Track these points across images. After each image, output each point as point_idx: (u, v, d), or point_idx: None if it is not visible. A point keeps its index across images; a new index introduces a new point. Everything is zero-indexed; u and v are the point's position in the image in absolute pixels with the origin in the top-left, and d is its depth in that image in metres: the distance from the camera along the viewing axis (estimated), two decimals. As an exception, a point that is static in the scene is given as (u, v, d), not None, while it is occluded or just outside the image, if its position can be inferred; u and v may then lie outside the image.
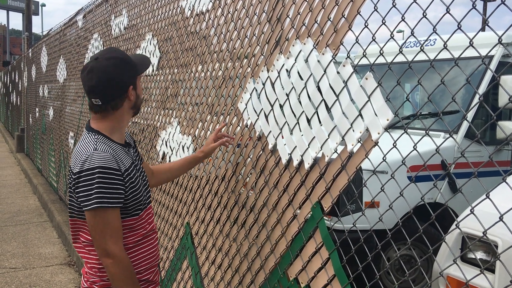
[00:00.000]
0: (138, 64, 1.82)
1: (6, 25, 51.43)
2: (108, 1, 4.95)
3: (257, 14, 2.27)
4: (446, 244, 1.37)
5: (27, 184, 9.47)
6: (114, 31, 4.73)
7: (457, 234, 2.55)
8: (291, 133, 1.96)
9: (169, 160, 3.26)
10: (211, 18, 2.75)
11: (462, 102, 4.32)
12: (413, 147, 1.37)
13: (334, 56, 1.72)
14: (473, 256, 2.53)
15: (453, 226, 1.31)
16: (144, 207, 1.88)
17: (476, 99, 4.18)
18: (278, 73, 2.05)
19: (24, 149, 13.13)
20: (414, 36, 1.39)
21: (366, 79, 1.54)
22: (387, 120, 1.47)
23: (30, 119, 11.84)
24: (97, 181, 1.65)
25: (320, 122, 1.79)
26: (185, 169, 2.35)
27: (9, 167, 11.52)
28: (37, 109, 10.57)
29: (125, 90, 1.77)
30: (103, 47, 5.18)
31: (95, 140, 1.75)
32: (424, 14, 1.32)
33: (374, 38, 1.51)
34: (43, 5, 45.10)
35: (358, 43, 1.61)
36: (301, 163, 1.89)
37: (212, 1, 2.74)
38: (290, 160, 1.96)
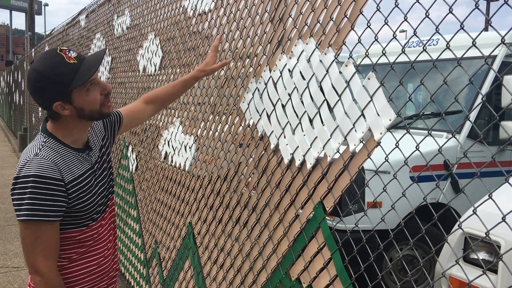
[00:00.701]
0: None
1: (9, 25, 51.55)
2: (111, 1, 4.96)
3: (259, 14, 2.27)
4: (449, 244, 1.37)
5: (30, 183, 9.47)
6: (117, 30, 4.73)
7: (460, 235, 2.54)
8: (293, 133, 1.96)
9: (171, 160, 3.26)
10: (214, 18, 2.75)
11: (464, 102, 4.31)
12: (416, 147, 1.37)
13: (336, 56, 1.72)
14: (476, 257, 2.52)
15: (456, 227, 1.31)
16: (98, 217, 1.73)
17: (479, 99, 4.17)
18: (280, 73, 2.05)
19: (27, 148, 13.15)
20: (417, 36, 1.39)
21: (369, 79, 1.53)
22: (390, 120, 1.47)
23: (33, 119, 11.87)
24: (30, 190, 1.49)
25: (322, 122, 1.79)
26: (184, 89, 2.25)
27: (11, 167, 11.55)
28: (40, 109, 10.59)
29: (49, 106, 1.56)
30: (105, 47, 5.19)
31: (42, 144, 1.60)
32: (427, 14, 1.32)
33: (376, 38, 1.51)
34: (46, 4, 45.22)
35: (361, 43, 1.61)
36: (303, 163, 1.89)
37: (215, 1, 2.74)
38: (292, 160, 1.96)
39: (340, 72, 1.69)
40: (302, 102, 1.91)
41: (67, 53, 1.53)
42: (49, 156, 1.56)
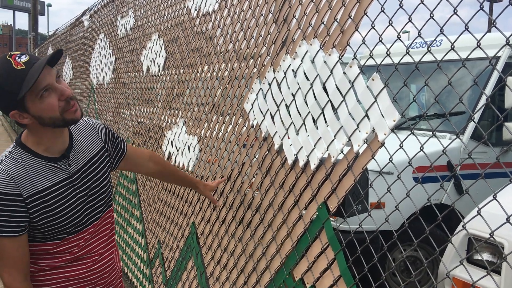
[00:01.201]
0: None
1: (12, 25, 51.68)
2: (115, 2, 4.97)
3: (263, 14, 2.28)
4: (453, 245, 1.37)
5: (33, 183, 9.49)
6: (120, 31, 4.75)
7: (463, 236, 2.54)
8: (297, 134, 1.96)
9: (175, 160, 3.27)
10: (218, 19, 2.76)
11: (468, 103, 4.31)
12: (420, 148, 1.37)
13: (340, 57, 1.72)
14: (479, 258, 2.52)
15: (460, 227, 1.31)
16: (76, 231, 1.62)
17: (482, 100, 4.16)
18: (284, 73, 2.05)
19: (30, 148, 13.18)
20: (421, 37, 1.39)
21: (373, 80, 1.54)
22: (394, 121, 1.47)
23: (36, 119, 11.90)
24: None
25: (326, 122, 1.80)
26: (179, 182, 2.32)
27: (15, 167, 11.56)
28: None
29: (7, 114, 1.48)
30: (109, 47, 5.21)
31: (6, 155, 1.53)
32: (431, 15, 1.32)
33: (381, 39, 1.51)
34: (49, 5, 45.33)
35: (365, 44, 1.62)
36: (307, 163, 1.90)
37: (219, 2, 2.75)
38: (296, 161, 1.97)
39: (344, 73, 1.69)
40: (306, 103, 1.91)
41: (16, 58, 1.42)
42: (6, 170, 1.48)
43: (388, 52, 1.50)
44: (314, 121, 1.87)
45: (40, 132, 1.53)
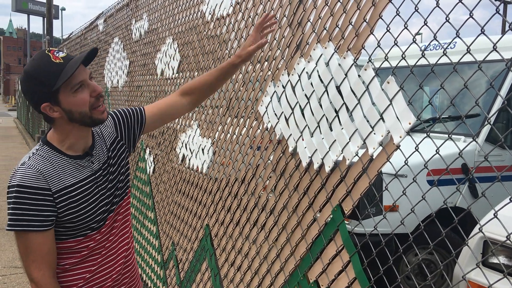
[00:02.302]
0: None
1: (26, 29, 52.32)
2: (129, 6, 5.03)
3: (277, 18, 2.29)
4: (469, 248, 1.37)
5: (48, 185, 9.61)
6: (135, 35, 4.80)
7: (478, 239, 2.53)
8: (312, 136, 1.97)
9: (189, 163, 3.29)
10: (232, 22, 2.78)
11: (482, 106, 4.28)
12: (436, 150, 1.38)
13: (355, 60, 1.73)
14: (495, 261, 2.51)
15: (476, 230, 1.31)
16: (99, 226, 1.64)
17: (497, 103, 4.13)
18: (299, 76, 2.07)
19: (45, 151, 13.32)
20: (437, 40, 1.40)
21: (388, 82, 1.54)
22: (409, 123, 1.48)
23: (51, 122, 12.02)
24: (13, 201, 1.48)
25: (341, 125, 1.80)
26: (222, 77, 1.96)
27: (30, 169, 11.71)
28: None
29: (39, 107, 1.53)
30: (123, 51, 5.26)
31: (34, 152, 1.58)
32: (447, 18, 1.33)
33: (396, 42, 1.52)
34: (63, 9, 45.81)
35: (380, 47, 1.62)
36: (321, 166, 1.91)
37: (233, 6, 2.77)
38: (310, 163, 1.98)
39: (359, 76, 1.70)
40: (321, 106, 1.92)
41: (54, 53, 1.50)
42: (35, 165, 1.52)
43: (403, 55, 1.51)
44: (329, 123, 1.87)
45: (67, 130, 1.58)
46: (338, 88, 1.83)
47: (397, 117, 1.52)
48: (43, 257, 1.52)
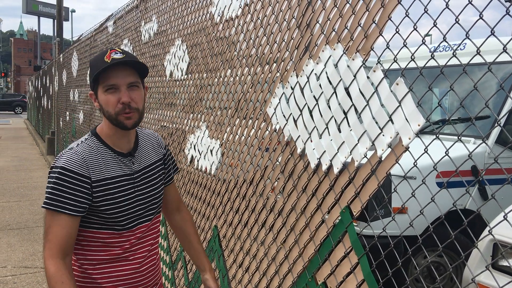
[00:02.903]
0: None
1: (37, 31, 52.76)
2: (138, 8, 5.05)
3: (286, 19, 2.30)
4: (479, 250, 1.36)
5: (57, 186, 9.68)
6: (144, 36, 4.82)
7: (488, 241, 2.51)
8: (320, 138, 1.97)
9: (197, 163, 3.30)
10: (240, 24, 2.79)
11: (492, 107, 4.25)
12: (445, 152, 1.37)
13: (364, 62, 1.73)
14: (505, 264, 2.49)
15: (486, 233, 1.30)
16: (129, 227, 1.70)
17: (508, 104, 4.10)
18: (307, 78, 2.07)
19: (55, 151, 13.44)
20: (446, 42, 1.39)
21: (397, 84, 1.54)
22: (418, 125, 1.47)
23: (61, 123, 12.12)
24: (54, 181, 1.56)
25: (349, 126, 1.80)
26: (188, 252, 2.08)
27: (40, 169, 11.81)
28: (67, 113, 10.82)
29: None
30: (132, 52, 5.29)
31: (82, 141, 1.68)
32: (457, 19, 1.32)
33: (405, 43, 1.52)
34: (73, 11, 46.16)
35: (389, 49, 1.62)
36: (330, 167, 1.90)
37: (242, 8, 2.78)
38: (319, 165, 1.97)
39: (368, 77, 1.70)
40: (329, 107, 1.92)
41: (112, 53, 1.61)
42: (82, 152, 1.62)
43: (412, 57, 1.50)
44: (338, 125, 1.87)
45: (111, 129, 1.69)
46: (346, 89, 1.83)
47: (406, 119, 1.51)
48: (59, 240, 1.56)
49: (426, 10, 1.43)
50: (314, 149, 2.01)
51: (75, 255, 1.70)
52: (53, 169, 1.59)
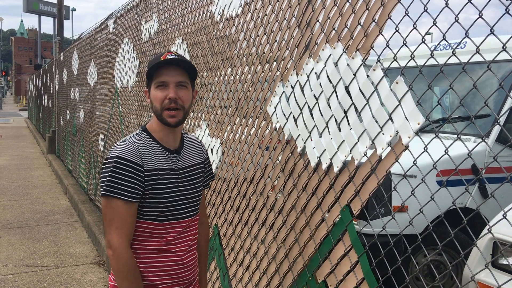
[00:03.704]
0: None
1: (38, 30, 52.77)
2: (139, 6, 5.05)
3: (286, 18, 2.30)
4: (478, 249, 1.36)
5: (58, 184, 9.70)
6: (144, 35, 4.82)
7: (488, 240, 2.51)
8: (320, 137, 1.97)
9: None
10: (241, 23, 2.79)
11: (493, 106, 4.25)
12: (445, 151, 1.37)
13: (364, 60, 1.73)
14: (505, 262, 2.49)
15: (485, 231, 1.30)
16: (173, 218, 1.78)
17: (508, 103, 4.10)
18: (308, 76, 2.07)
19: (55, 150, 13.45)
20: (446, 40, 1.39)
21: (397, 83, 1.54)
22: (418, 124, 1.48)
23: (61, 121, 12.13)
24: (111, 169, 1.66)
25: (349, 125, 1.80)
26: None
27: (40, 168, 11.82)
28: (68, 112, 10.83)
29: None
30: (133, 51, 5.29)
31: (134, 134, 1.79)
32: (456, 18, 1.32)
33: (405, 42, 1.52)
34: (74, 9, 46.12)
35: (389, 47, 1.62)
36: (330, 166, 1.91)
37: (242, 6, 2.78)
38: (319, 163, 1.98)
39: (368, 76, 1.70)
40: (329, 106, 1.92)
41: (168, 55, 1.73)
42: (135, 143, 1.73)
43: (412, 55, 1.51)
44: (338, 124, 1.87)
45: (159, 126, 1.79)
46: (346, 88, 1.83)
47: (406, 118, 1.52)
48: (125, 226, 1.67)
49: (425, 9, 1.43)
50: (314, 147, 2.01)
51: None
52: (109, 159, 1.69)
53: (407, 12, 1.51)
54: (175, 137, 1.84)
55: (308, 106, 2.06)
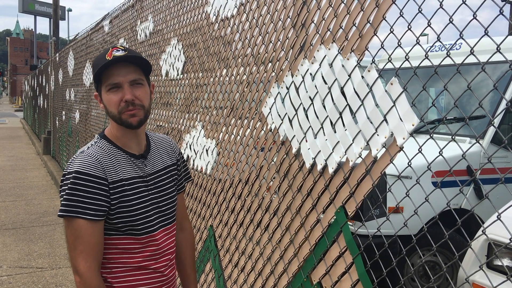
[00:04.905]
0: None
1: (33, 30, 52.62)
2: (134, 7, 5.04)
3: (281, 19, 2.30)
4: (472, 250, 1.36)
5: (53, 185, 9.66)
6: (140, 36, 4.81)
7: (483, 241, 2.52)
8: (315, 138, 1.97)
9: (193, 163, 3.30)
10: (236, 24, 2.78)
11: (488, 107, 4.26)
12: (439, 152, 1.37)
13: (359, 61, 1.73)
14: (499, 263, 2.49)
15: (480, 232, 1.30)
16: (148, 231, 1.61)
17: (503, 104, 4.11)
18: (303, 77, 2.07)
19: (51, 151, 13.41)
20: (440, 42, 1.39)
21: (392, 84, 1.54)
22: (413, 125, 1.47)
23: (57, 122, 12.09)
24: (69, 187, 1.47)
25: (344, 126, 1.80)
26: (180, 271, 1.93)
27: (36, 169, 11.78)
28: (63, 112, 10.79)
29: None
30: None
31: (92, 143, 1.61)
32: (451, 19, 1.32)
33: (399, 43, 1.51)
34: (70, 10, 46.03)
35: (384, 49, 1.62)
36: (325, 167, 1.90)
37: (237, 7, 2.78)
38: (314, 165, 1.97)
39: (363, 77, 1.70)
40: (324, 107, 1.92)
41: (113, 51, 1.54)
42: (95, 154, 1.54)
43: (407, 56, 1.50)
44: (333, 125, 1.87)
45: (118, 130, 1.62)
46: (341, 89, 1.83)
47: (401, 119, 1.51)
48: (91, 249, 1.49)
49: (420, 10, 1.43)
50: (309, 149, 2.01)
51: None
52: (67, 175, 1.50)
53: (401, 13, 1.51)
54: (139, 141, 1.66)
55: (303, 107, 2.06)
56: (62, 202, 1.49)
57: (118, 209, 1.54)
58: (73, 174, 1.48)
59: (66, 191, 1.48)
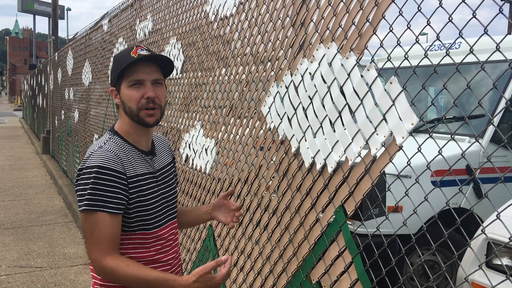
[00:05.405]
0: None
1: (32, 29, 52.59)
2: (133, 6, 5.03)
3: (281, 18, 2.29)
4: (471, 249, 1.36)
5: (53, 185, 9.65)
6: (139, 35, 4.80)
7: (482, 240, 2.51)
8: (315, 137, 1.97)
9: (192, 163, 3.30)
10: (235, 23, 2.78)
11: (487, 106, 4.26)
12: (439, 151, 1.37)
13: (358, 60, 1.72)
14: (499, 262, 2.49)
15: (479, 232, 1.30)
16: (157, 226, 1.66)
17: (502, 103, 4.11)
18: (302, 77, 2.06)
19: (50, 150, 13.39)
20: (440, 40, 1.39)
21: (391, 83, 1.54)
22: (412, 124, 1.47)
23: (56, 121, 12.08)
24: (92, 181, 1.51)
25: (343, 125, 1.80)
26: (190, 220, 2.04)
27: (35, 168, 11.77)
28: (62, 112, 10.78)
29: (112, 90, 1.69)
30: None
31: (108, 139, 1.64)
32: (450, 18, 1.32)
33: (399, 42, 1.51)
34: (69, 9, 46.02)
35: (383, 47, 1.61)
36: (324, 166, 1.90)
37: (236, 6, 2.77)
38: (313, 164, 1.97)
39: (362, 76, 1.69)
40: (324, 106, 1.92)
41: (138, 50, 1.60)
42: (113, 149, 1.58)
43: (406, 55, 1.50)
44: (332, 124, 1.87)
45: (129, 123, 1.66)
46: (341, 88, 1.82)
47: (400, 118, 1.51)
48: (108, 239, 1.52)
49: (419, 8, 1.42)
50: (308, 148, 2.00)
51: None
52: (87, 169, 1.53)
53: (401, 12, 1.51)
54: (148, 138, 1.72)
55: (302, 106, 2.06)
56: (85, 196, 1.51)
57: (136, 203, 1.59)
58: (96, 169, 1.52)
59: (90, 185, 1.51)
